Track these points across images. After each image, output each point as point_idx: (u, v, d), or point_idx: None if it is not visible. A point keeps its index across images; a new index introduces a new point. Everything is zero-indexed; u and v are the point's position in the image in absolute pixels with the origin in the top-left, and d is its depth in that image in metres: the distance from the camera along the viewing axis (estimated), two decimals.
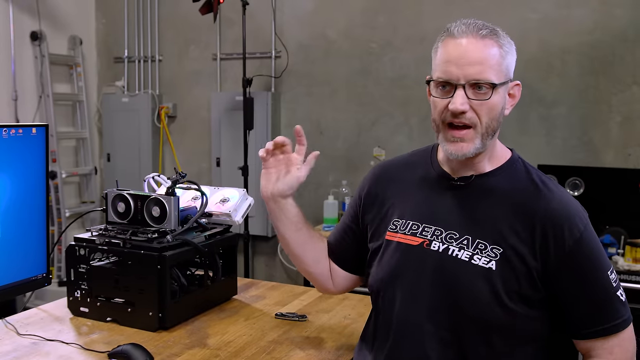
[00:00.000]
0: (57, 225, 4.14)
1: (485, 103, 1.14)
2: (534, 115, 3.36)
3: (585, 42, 3.25)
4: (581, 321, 1.16)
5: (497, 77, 1.15)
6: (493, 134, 1.19)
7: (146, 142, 4.34)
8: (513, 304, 1.14)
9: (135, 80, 4.46)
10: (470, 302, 1.15)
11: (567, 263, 1.14)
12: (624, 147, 3.21)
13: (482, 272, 1.15)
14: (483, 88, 1.14)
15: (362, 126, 3.81)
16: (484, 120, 1.15)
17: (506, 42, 1.18)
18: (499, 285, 1.14)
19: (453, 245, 1.19)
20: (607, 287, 1.14)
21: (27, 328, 1.52)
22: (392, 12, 3.67)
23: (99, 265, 1.60)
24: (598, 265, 1.15)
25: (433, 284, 1.19)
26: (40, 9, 4.04)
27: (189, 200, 1.79)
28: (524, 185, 1.20)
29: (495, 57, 1.15)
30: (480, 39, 1.15)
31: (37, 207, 1.50)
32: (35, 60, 4.10)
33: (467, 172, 1.23)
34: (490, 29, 1.17)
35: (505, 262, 1.14)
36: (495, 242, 1.16)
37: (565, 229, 1.14)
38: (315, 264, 1.44)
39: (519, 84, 1.23)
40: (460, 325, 1.17)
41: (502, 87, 1.17)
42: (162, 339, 1.47)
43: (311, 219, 3.92)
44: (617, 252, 2.88)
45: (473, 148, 1.17)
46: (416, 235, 1.24)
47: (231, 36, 4.12)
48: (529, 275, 1.14)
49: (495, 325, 1.15)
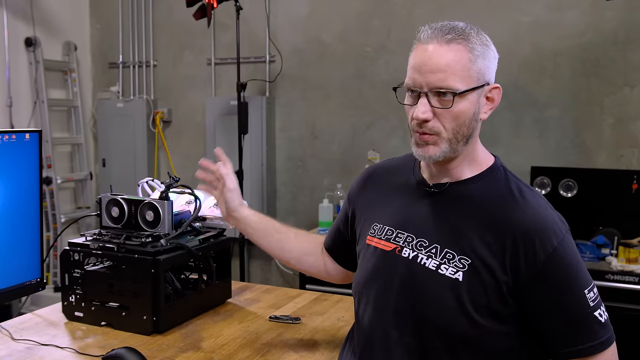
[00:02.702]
0: (53, 230, 4.14)
1: (449, 111, 1.11)
2: (527, 117, 3.37)
3: (577, 45, 3.27)
4: (555, 341, 1.10)
5: (463, 83, 1.10)
6: (465, 140, 1.15)
7: (141, 147, 4.35)
8: (481, 318, 1.10)
9: (130, 86, 4.47)
10: (435, 311, 1.12)
11: (539, 278, 1.08)
12: (616, 148, 3.23)
13: (448, 282, 1.11)
14: (448, 95, 1.10)
15: (356, 129, 3.83)
16: (449, 127, 1.12)
17: (478, 44, 1.12)
18: (465, 297, 1.10)
19: (422, 253, 1.16)
20: (582, 306, 1.08)
21: (21, 333, 1.53)
22: (386, 16, 3.69)
23: (93, 269, 1.61)
24: (573, 282, 1.09)
25: (400, 291, 1.17)
26: (34, 15, 4.05)
27: (183, 204, 1.80)
28: (500, 194, 1.16)
29: (461, 63, 1.10)
30: (445, 44, 1.11)
31: (31, 213, 1.51)
32: (30, 66, 4.10)
33: (444, 179, 1.21)
34: (458, 32, 1.12)
35: (474, 274, 1.10)
36: (464, 253, 1.12)
37: (537, 242, 1.08)
38: (300, 260, 1.50)
39: (499, 87, 1.17)
40: (425, 334, 1.14)
41: (473, 92, 1.12)
42: (156, 343, 1.48)
43: (306, 222, 3.94)
44: (611, 252, 2.89)
45: (440, 152, 1.14)
46: (390, 240, 1.22)
47: (225, 41, 4.13)
48: (497, 289, 1.10)
49: (462, 338, 1.11)
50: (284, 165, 4.06)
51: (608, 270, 2.75)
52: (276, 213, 4.09)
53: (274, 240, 1.47)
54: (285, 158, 4.06)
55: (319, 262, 1.51)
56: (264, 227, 1.47)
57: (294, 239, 1.50)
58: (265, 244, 1.47)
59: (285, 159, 4.06)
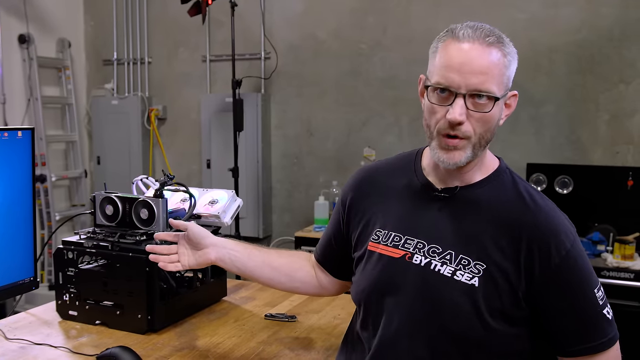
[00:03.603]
0: (47, 228, 4.12)
1: (484, 115, 1.09)
2: (523, 114, 3.37)
3: (573, 41, 3.27)
4: (566, 339, 1.12)
5: (498, 88, 1.09)
6: (486, 145, 1.15)
7: (136, 144, 4.33)
8: (494, 322, 1.10)
9: (124, 83, 4.45)
10: (451, 318, 1.11)
11: (553, 281, 1.09)
12: (611, 145, 3.24)
13: (464, 288, 1.11)
14: (484, 99, 1.08)
15: (352, 127, 3.82)
16: (479, 131, 1.11)
17: (511, 50, 1.11)
18: (481, 302, 1.10)
19: (435, 260, 1.14)
20: (593, 306, 1.10)
21: (15, 332, 1.52)
22: (381, 13, 3.68)
23: (87, 268, 1.60)
24: (585, 283, 1.10)
25: (414, 298, 1.15)
26: (27, 12, 4.02)
27: (178, 202, 1.79)
28: (510, 197, 1.16)
29: (499, 67, 1.08)
30: (487, 47, 1.07)
31: (24, 211, 1.50)
32: (24, 63, 4.08)
33: (454, 182, 1.18)
34: (497, 35, 1.10)
35: (489, 279, 1.10)
36: (479, 258, 1.12)
37: (551, 245, 1.09)
38: (292, 276, 1.42)
39: (516, 94, 1.16)
40: (438, 341, 1.13)
41: (502, 99, 1.12)
42: (151, 342, 1.47)
43: (302, 220, 3.94)
44: (606, 249, 2.90)
45: (464, 157, 1.12)
46: (398, 247, 1.19)
47: (220, 38, 4.12)
48: (512, 293, 1.10)
49: (476, 343, 1.11)
50: (279, 162, 4.06)
51: (604, 267, 2.75)
52: (272, 210, 4.09)
53: (260, 261, 1.38)
54: (280, 155, 4.05)
55: (311, 276, 1.44)
56: (245, 249, 1.38)
57: (279, 256, 1.43)
58: (252, 265, 1.37)
59: (280, 156, 4.05)
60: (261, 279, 1.40)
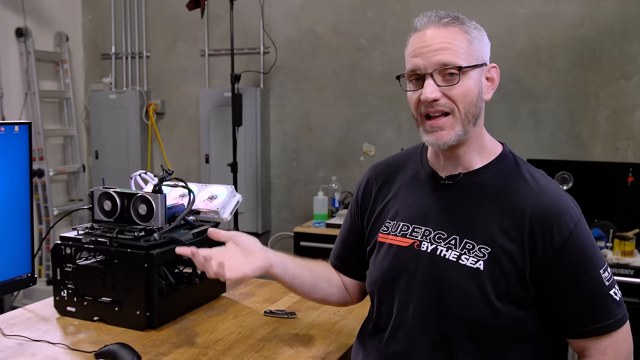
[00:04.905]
0: (45, 223, 4.11)
1: (455, 87, 1.12)
2: (523, 109, 3.36)
3: (573, 37, 3.25)
4: (573, 320, 1.13)
5: (465, 60, 1.12)
6: (475, 120, 1.15)
7: (134, 139, 4.31)
8: (502, 305, 1.11)
9: (122, 77, 4.43)
10: (458, 302, 1.13)
11: (557, 261, 1.10)
12: (612, 140, 3.23)
13: (470, 272, 1.13)
14: (450, 72, 1.12)
15: (351, 122, 3.81)
16: (460, 105, 1.13)
17: (472, 28, 1.15)
18: (488, 286, 1.11)
19: (441, 246, 1.17)
20: (599, 286, 1.11)
21: (12, 328, 1.50)
22: (381, 7, 3.66)
23: (85, 264, 1.58)
24: (589, 263, 1.11)
25: (423, 285, 1.17)
26: (25, 5, 3.99)
27: (177, 197, 1.77)
28: (513, 181, 1.17)
29: (460, 42, 1.13)
30: (443, 27, 1.14)
31: (22, 206, 1.48)
32: (21, 57, 4.06)
33: (456, 169, 1.21)
34: (452, 17, 1.15)
35: (494, 262, 1.12)
36: (484, 242, 1.13)
37: (554, 226, 1.10)
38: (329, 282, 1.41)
39: (496, 67, 1.19)
40: (449, 326, 1.15)
41: (475, 70, 1.14)
42: (149, 338, 1.46)
43: (301, 215, 3.93)
44: (606, 245, 2.90)
45: (454, 135, 1.14)
46: (406, 236, 1.22)
47: (219, 32, 4.10)
48: (518, 275, 1.11)
49: (484, 326, 1.13)
50: (278, 157, 4.04)
51: None
52: (270, 205, 4.08)
53: (305, 268, 1.37)
54: (279, 150, 4.03)
55: (339, 281, 1.44)
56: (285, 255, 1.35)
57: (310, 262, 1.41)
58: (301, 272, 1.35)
59: (279, 151, 4.04)
60: (306, 287, 1.37)
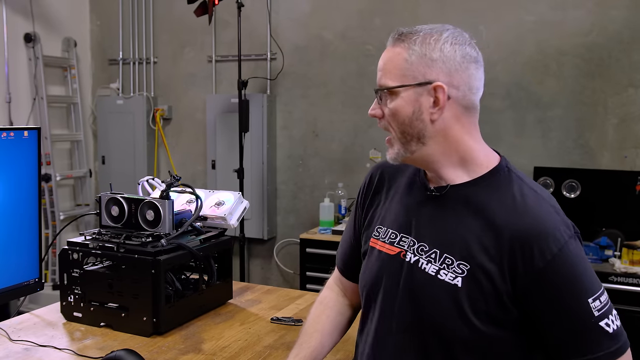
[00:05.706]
0: (52, 228, 4.12)
1: (385, 108, 1.15)
2: (530, 117, 3.35)
3: (581, 44, 3.25)
4: (557, 349, 1.07)
5: (395, 80, 1.13)
6: (417, 139, 1.14)
7: (141, 144, 4.32)
8: (481, 324, 1.08)
9: (130, 83, 4.44)
10: (435, 316, 1.11)
11: (538, 285, 1.05)
12: (620, 149, 3.21)
13: (447, 288, 1.10)
14: (383, 93, 1.15)
15: (358, 128, 3.80)
16: (393, 125, 1.15)
17: (418, 45, 1.11)
18: (465, 303, 1.08)
19: (423, 258, 1.15)
20: (585, 316, 1.03)
21: (19, 334, 1.50)
22: (388, 15, 3.66)
23: (92, 269, 1.58)
24: (575, 290, 1.04)
25: (403, 296, 1.16)
26: (34, 11, 4.02)
27: (184, 203, 1.78)
28: (501, 198, 1.11)
29: (396, 61, 1.13)
30: (391, 47, 1.16)
31: (30, 211, 1.49)
32: (29, 62, 4.08)
33: (438, 182, 1.19)
34: (404, 33, 1.15)
35: (472, 280, 1.08)
36: (463, 258, 1.10)
37: (534, 249, 1.04)
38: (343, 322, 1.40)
39: (442, 86, 1.10)
40: (427, 340, 1.12)
41: (408, 90, 1.11)
42: (156, 345, 1.46)
43: (307, 221, 3.92)
44: (614, 254, 2.87)
45: (394, 153, 1.18)
46: (394, 244, 1.21)
47: (226, 38, 4.11)
48: (496, 295, 1.07)
49: (462, 343, 1.10)
50: (284, 163, 4.04)
51: (611, 272, 2.73)
52: (276, 212, 4.08)
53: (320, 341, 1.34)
54: (286, 156, 4.03)
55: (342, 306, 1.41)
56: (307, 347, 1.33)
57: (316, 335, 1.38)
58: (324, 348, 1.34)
59: (286, 157, 4.03)
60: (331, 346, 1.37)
